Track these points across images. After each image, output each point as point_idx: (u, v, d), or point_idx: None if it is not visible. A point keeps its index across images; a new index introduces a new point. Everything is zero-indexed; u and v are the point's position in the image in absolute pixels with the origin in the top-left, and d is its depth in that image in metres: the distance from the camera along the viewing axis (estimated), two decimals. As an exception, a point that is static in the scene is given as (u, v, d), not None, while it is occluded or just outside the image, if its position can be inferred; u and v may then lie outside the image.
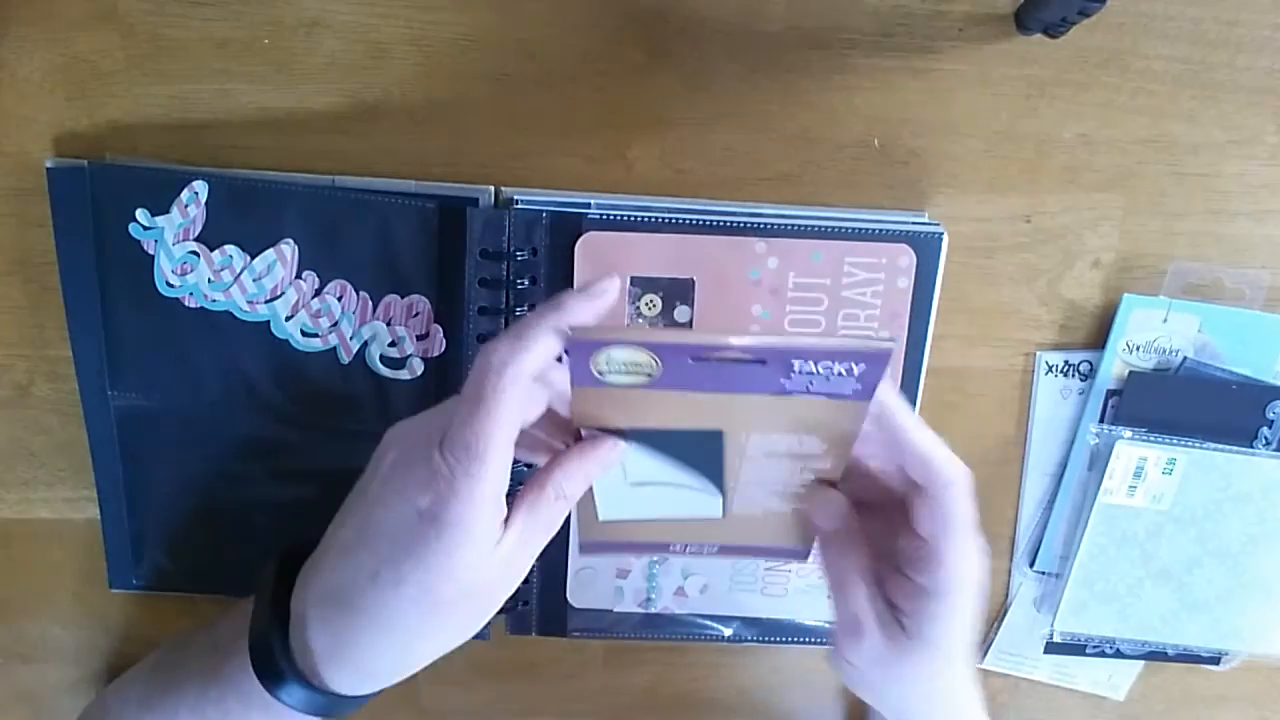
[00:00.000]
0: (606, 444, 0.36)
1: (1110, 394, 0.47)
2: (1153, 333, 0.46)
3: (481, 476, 0.32)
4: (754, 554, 0.44)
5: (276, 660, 0.35)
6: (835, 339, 0.36)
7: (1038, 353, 0.48)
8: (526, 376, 0.32)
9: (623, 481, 0.39)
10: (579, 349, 0.33)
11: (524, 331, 0.33)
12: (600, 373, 0.34)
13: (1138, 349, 0.46)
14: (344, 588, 0.34)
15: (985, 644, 0.53)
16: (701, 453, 0.39)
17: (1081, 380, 0.48)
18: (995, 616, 0.52)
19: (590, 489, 0.39)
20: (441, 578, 0.33)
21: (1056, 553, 0.50)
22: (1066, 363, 0.48)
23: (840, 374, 0.36)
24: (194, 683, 0.39)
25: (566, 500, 0.35)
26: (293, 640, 0.35)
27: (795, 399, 0.37)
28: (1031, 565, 0.50)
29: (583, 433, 0.37)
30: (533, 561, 0.36)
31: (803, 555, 0.44)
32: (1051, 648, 0.52)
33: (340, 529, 0.36)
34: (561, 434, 0.37)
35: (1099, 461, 0.47)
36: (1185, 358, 0.46)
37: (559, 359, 0.35)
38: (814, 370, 0.35)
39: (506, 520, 0.34)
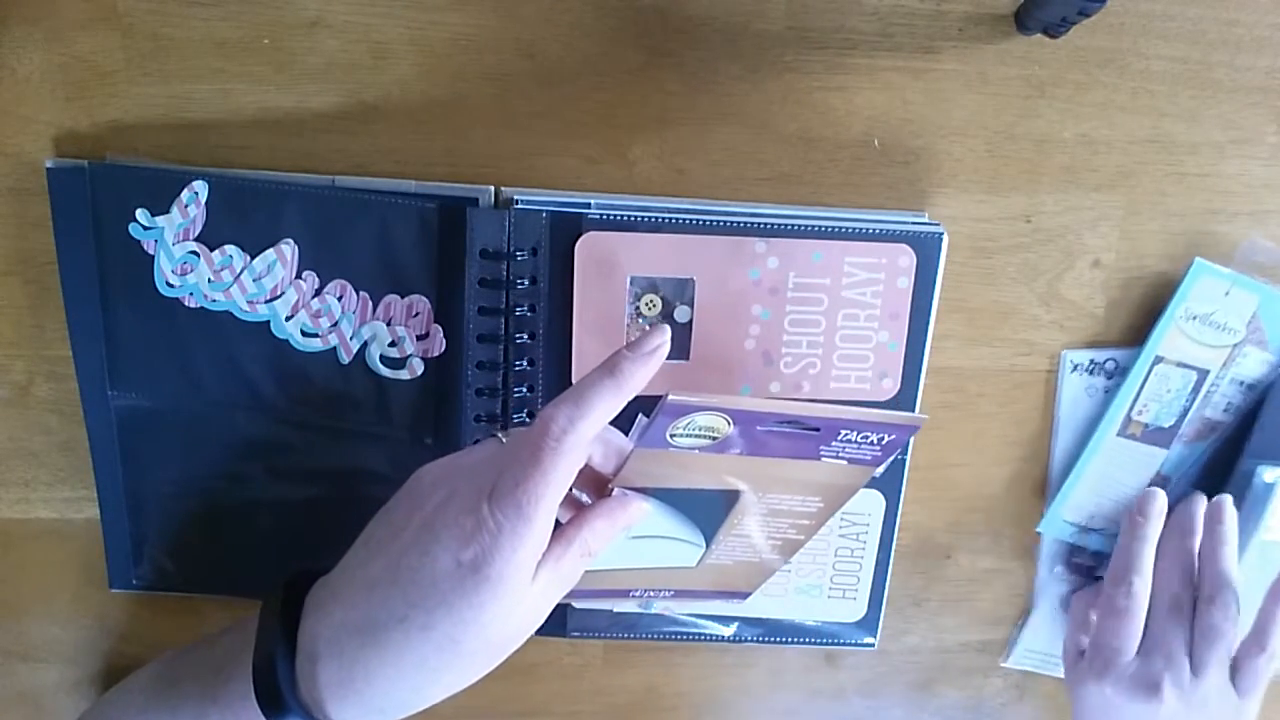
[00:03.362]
0: (634, 505, 0.37)
1: (1157, 360, 0.46)
2: (1213, 305, 0.45)
3: (528, 536, 0.32)
4: (704, 597, 0.46)
5: (280, 690, 0.35)
6: (881, 413, 0.36)
7: (1064, 352, 0.48)
8: (584, 442, 0.33)
9: (623, 535, 0.39)
10: (671, 409, 0.33)
11: (584, 397, 0.33)
12: (672, 435, 0.35)
13: (1194, 319, 0.46)
14: (368, 625, 0.34)
15: (1010, 642, 0.53)
16: (714, 509, 0.39)
17: (1107, 379, 0.48)
18: (1019, 615, 0.53)
19: None
20: (470, 630, 0.33)
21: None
22: (1092, 361, 0.48)
23: (871, 442, 0.36)
24: (193, 701, 0.38)
25: (589, 557, 0.36)
26: (299, 670, 0.35)
27: (822, 464, 0.37)
28: (1067, 567, 0.51)
29: (614, 491, 0.37)
30: (549, 611, 0.36)
31: (743, 597, 0.45)
32: None
33: (368, 563, 0.35)
34: (589, 488, 0.38)
35: (1259, 499, 0.48)
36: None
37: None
38: (853, 439, 0.36)
39: (534, 573, 0.34)
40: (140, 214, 0.42)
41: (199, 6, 0.41)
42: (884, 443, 0.36)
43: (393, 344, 0.44)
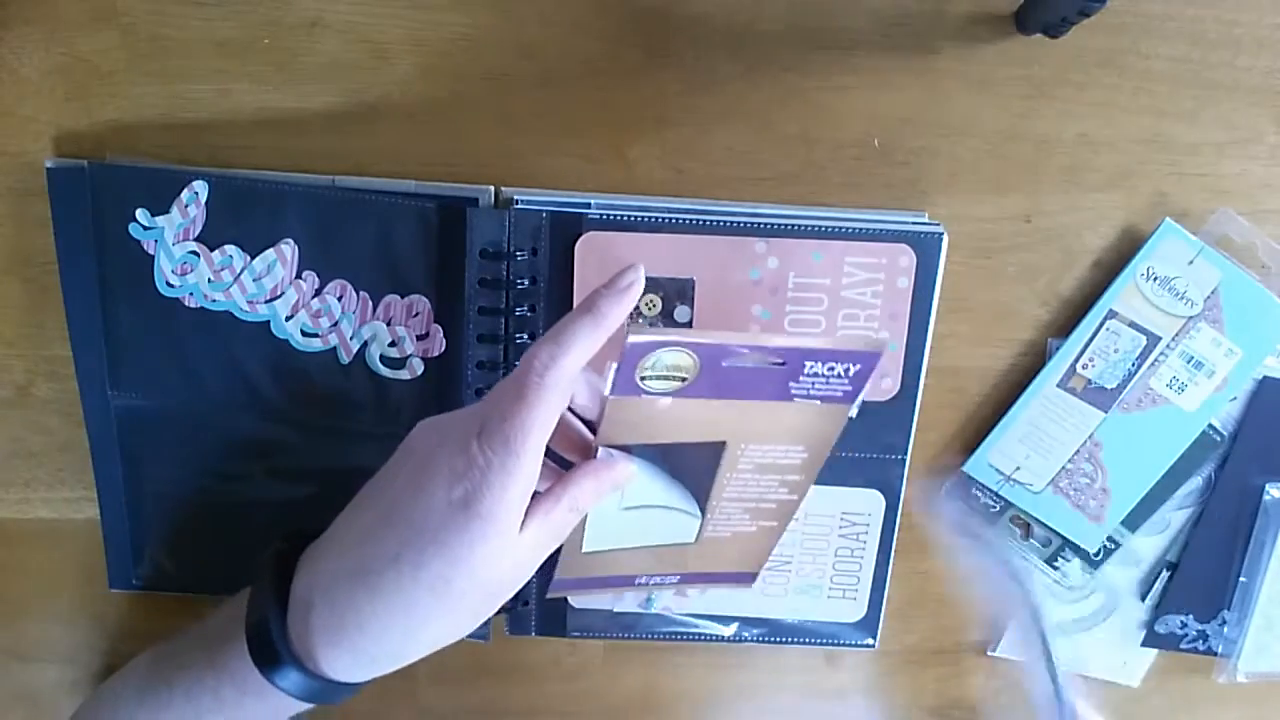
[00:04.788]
0: (621, 464, 0.37)
1: (1110, 314, 0.46)
2: (1175, 269, 0.45)
3: (516, 471, 0.33)
4: (708, 581, 0.45)
5: (274, 643, 0.35)
6: (839, 339, 0.36)
7: (1049, 340, 0.47)
8: (567, 379, 0.34)
9: (616, 507, 0.39)
10: (635, 350, 0.34)
11: (563, 334, 0.34)
12: (642, 378, 0.35)
13: (1155, 280, 0.45)
14: (360, 569, 0.35)
15: (1000, 632, 0.53)
16: (701, 467, 0.39)
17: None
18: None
19: (583, 522, 0.39)
20: (460, 568, 0.33)
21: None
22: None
23: (839, 375, 0.36)
24: (189, 671, 0.39)
25: (577, 513, 0.36)
26: (292, 623, 0.36)
27: (794, 405, 0.37)
28: (1096, 566, 0.50)
29: (599, 453, 0.37)
30: (540, 562, 0.36)
31: (749, 580, 0.45)
32: (1151, 639, 0.52)
33: (359, 514, 0.37)
34: (575, 453, 0.39)
35: (1272, 517, 0.48)
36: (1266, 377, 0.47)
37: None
38: (820, 372, 0.36)
39: (522, 524, 0.35)
40: (140, 214, 0.42)
41: (199, 6, 0.41)
42: (851, 374, 0.36)
43: (393, 344, 0.44)
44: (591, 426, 0.39)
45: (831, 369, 0.36)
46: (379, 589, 0.34)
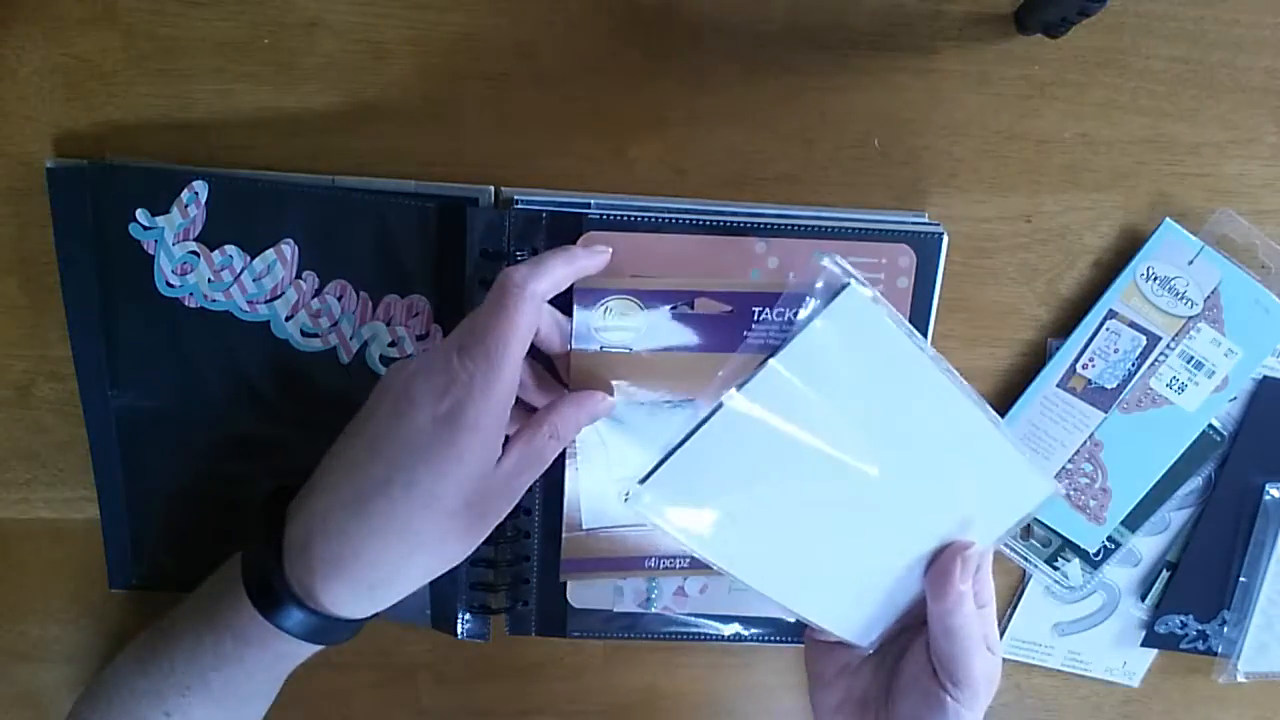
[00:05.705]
0: (597, 395, 0.39)
1: (1111, 314, 0.46)
2: (1175, 269, 0.45)
3: (498, 381, 0.34)
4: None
5: (273, 584, 0.36)
6: (786, 282, 0.40)
7: (1049, 340, 0.47)
8: (540, 297, 0.36)
9: (606, 476, 0.39)
10: (584, 298, 0.37)
11: (541, 260, 0.37)
12: (597, 329, 0.37)
13: (1155, 280, 0.45)
14: (352, 499, 0.35)
15: (1000, 631, 0.53)
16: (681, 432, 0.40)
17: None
18: (1009, 604, 0.52)
19: (577, 498, 0.39)
20: (449, 483, 0.35)
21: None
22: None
23: (788, 320, 0.37)
24: (188, 635, 0.39)
25: (558, 440, 0.38)
26: (289, 565, 0.37)
27: (753, 356, 0.37)
28: (1096, 566, 0.50)
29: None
30: (525, 489, 0.38)
31: None
32: (1151, 639, 0.52)
33: (344, 451, 0.38)
34: (541, 398, 0.40)
35: (1271, 517, 0.48)
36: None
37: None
38: (769, 318, 0.37)
39: (505, 449, 0.36)
40: (140, 214, 0.42)
41: (199, 6, 0.41)
42: (798, 320, 0.37)
43: (393, 344, 0.44)
44: (552, 369, 0.41)
45: (780, 314, 0.37)
46: (371, 515, 0.35)
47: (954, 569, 0.38)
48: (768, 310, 0.37)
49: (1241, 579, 0.50)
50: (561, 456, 0.42)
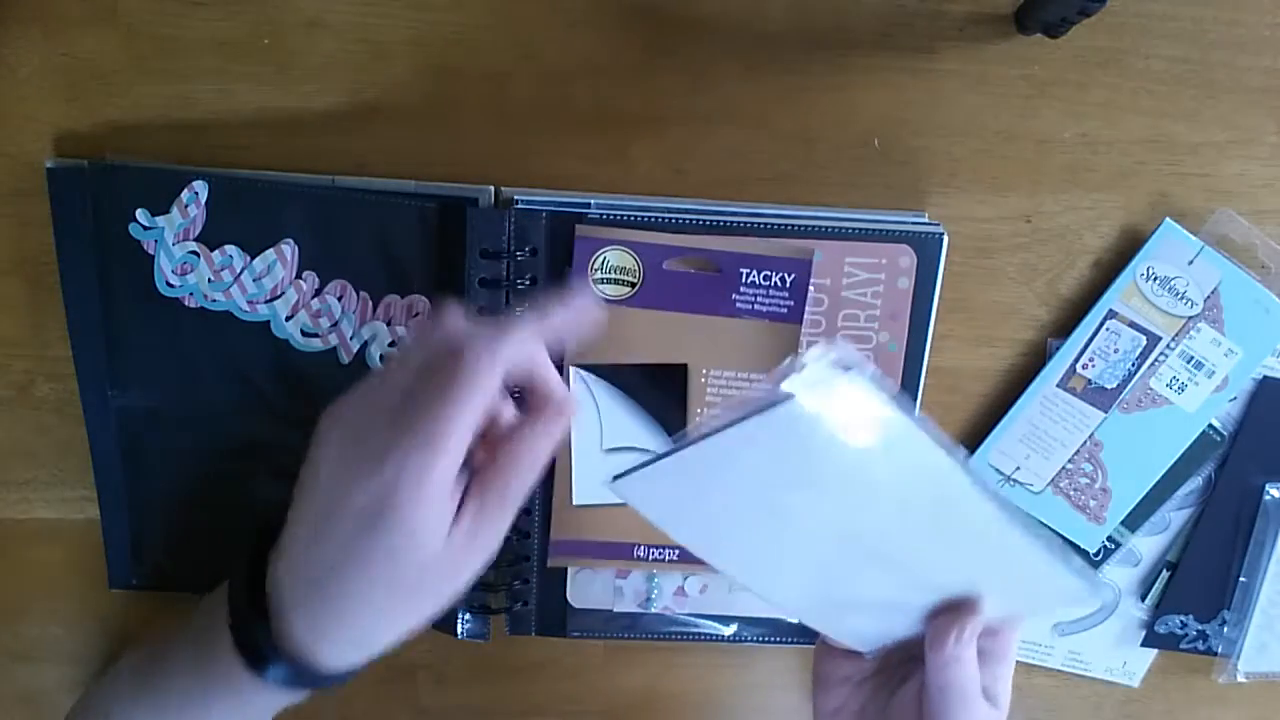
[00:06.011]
0: (551, 411, 0.34)
1: (1111, 314, 0.46)
2: (1175, 269, 0.45)
3: (434, 467, 0.30)
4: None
5: (261, 646, 0.35)
6: (771, 244, 0.40)
7: (1049, 340, 0.47)
8: (503, 367, 0.31)
9: (598, 449, 0.39)
10: (583, 246, 0.37)
11: (507, 326, 0.32)
12: (595, 281, 0.38)
13: (1155, 280, 0.45)
14: (314, 578, 0.34)
15: None
16: (670, 403, 0.40)
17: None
18: None
19: (569, 469, 0.39)
20: (398, 566, 0.32)
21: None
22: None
23: (776, 286, 0.37)
24: (179, 678, 0.39)
25: (516, 503, 0.34)
26: (274, 624, 0.36)
27: (741, 321, 0.37)
28: (1096, 566, 0.50)
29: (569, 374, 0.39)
30: (493, 547, 0.34)
31: None
32: (1151, 639, 0.52)
33: (301, 516, 0.35)
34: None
35: (1271, 517, 0.48)
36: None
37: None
38: (756, 281, 0.37)
39: (455, 518, 0.32)
40: (140, 214, 0.42)
41: (199, 6, 0.41)
42: (789, 285, 0.37)
43: (393, 344, 0.44)
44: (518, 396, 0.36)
45: (767, 278, 0.37)
46: (334, 595, 0.34)
47: (950, 634, 0.36)
48: (754, 272, 0.37)
49: (1241, 579, 0.50)
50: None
